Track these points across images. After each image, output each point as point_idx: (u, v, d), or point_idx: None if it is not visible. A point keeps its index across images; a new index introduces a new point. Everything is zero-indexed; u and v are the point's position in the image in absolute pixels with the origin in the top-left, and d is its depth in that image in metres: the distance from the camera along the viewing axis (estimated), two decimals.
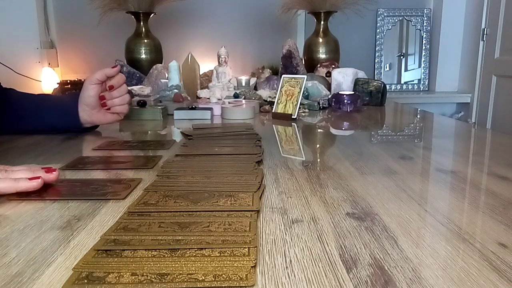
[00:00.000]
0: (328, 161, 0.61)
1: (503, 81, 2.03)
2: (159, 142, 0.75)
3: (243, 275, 0.28)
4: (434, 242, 0.34)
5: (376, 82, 1.28)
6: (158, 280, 0.27)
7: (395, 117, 1.14)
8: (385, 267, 0.29)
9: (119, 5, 1.72)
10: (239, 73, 1.98)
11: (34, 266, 0.30)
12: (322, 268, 0.29)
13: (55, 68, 2.18)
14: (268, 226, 0.37)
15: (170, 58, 1.48)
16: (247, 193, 0.44)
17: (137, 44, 1.78)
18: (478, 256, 0.31)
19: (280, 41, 1.68)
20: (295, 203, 0.43)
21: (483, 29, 2.15)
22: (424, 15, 2.37)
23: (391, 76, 2.43)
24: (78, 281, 0.27)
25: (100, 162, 0.60)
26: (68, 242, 0.34)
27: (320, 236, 0.35)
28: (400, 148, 0.69)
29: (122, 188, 0.47)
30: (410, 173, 0.54)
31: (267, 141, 0.75)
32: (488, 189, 0.47)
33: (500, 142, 0.78)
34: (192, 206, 0.40)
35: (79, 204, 0.42)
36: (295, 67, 1.59)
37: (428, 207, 0.42)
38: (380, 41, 2.37)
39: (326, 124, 1.00)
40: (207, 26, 2.24)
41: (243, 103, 1.14)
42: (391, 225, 0.37)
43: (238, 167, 0.55)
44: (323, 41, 1.81)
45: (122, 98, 0.82)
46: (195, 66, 1.46)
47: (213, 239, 0.32)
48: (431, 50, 2.39)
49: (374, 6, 2.15)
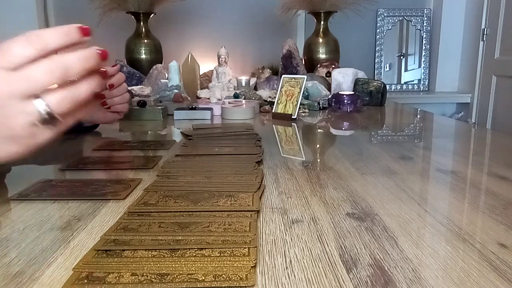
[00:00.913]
0: (328, 161, 0.61)
1: (503, 81, 2.03)
2: (159, 142, 0.75)
3: (243, 275, 0.28)
4: (434, 242, 0.34)
5: (376, 82, 1.28)
6: (158, 280, 0.27)
7: (395, 117, 1.13)
8: (385, 267, 0.29)
9: (119, 5, 1.72)
10: (239, 73, 1.98)
11: (34, 266, 0.30)
12: (322, 268, 0.29)
13: None
14: (268, 226, 0.37)
15: (170, 58, 1.49)
16: (247, 193, 0.44)
17: (137, 44, 1.78)
18: (478, 256, 0.31)
19: (280, 41, 1.68)
20: (295, 203, 0.43)
21: (483, 29, 2.15)
22: (424, 15, 2.37)
23: (391, 76, 2.43)
24: (78, 281, 0.27)
25: (100, 162, 0.60)
26: (68, 242, 0.34)
27: (320, 236, 0.35)
28: (400, 148, 0.69)
29: (122, 188, 0.47)
30: (410, 173, 0.54)
31: (267, 141, 0.75)
32: (488, 189, 0.47)
33: (500, 142, 0.78)
34: (192, 206, 0.40)
35: (79, 204, 0.42)
36: (295, 67, 1.59)
37: (428, 207, 0.42)
38: (380, 41, 2.37)
39: (326, 124, 1.00)
40: (207, 26, 2.24)
41: (243, 103, 1.14)
42: (391, 225, 0.37)
43: (238, 167, 0.55)
44: (323, 41, 1.81)
45: (122, 97, 0.82)
46: (195, 66, 1.46)
47: (213, 239, 0.32)
48: (431, 50, 2.39)
49: (374, 6, 2.16)
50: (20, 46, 0.32)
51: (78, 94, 0.35)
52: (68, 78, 0.33)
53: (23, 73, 0.32)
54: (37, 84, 0.32)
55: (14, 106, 0.32)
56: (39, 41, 0.32)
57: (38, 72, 0.32)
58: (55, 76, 0.32)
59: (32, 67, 0.32)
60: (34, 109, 0.32)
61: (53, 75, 0.32)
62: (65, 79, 0.33)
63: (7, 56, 0.32)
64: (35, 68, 0.32)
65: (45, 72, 0.32)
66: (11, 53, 0.32)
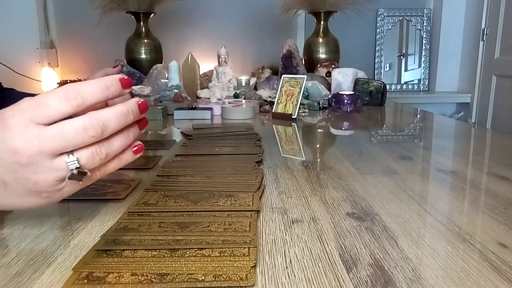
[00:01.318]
0: (328, 161, 0.61)
1: (503, 81, 2.03)
2: (159, 142, 0.75)
3: (243, 275, 0.28)
4: (434, 242, 0.34)
5: (376, 82, 1.28)
6: (158, 280, 0.27)
7: (395, 117, 1.13)
8: (385, 267, 0.29)
9: (119, 5, 1.72)
10: (239, 73, 1.98)
11: (34, 266, 0.30)
12: (322, 268, 0.29)
13: (55, 68, 2.18)
14: (268, 226, 0.37)
15: (170, 58, 1.48)
16: (247, 193, 0.44)
17: (137, 44, 1.78)
18: (478, 256, 0.31)
19: (280, 41, 1.68)
20: (295, 203, 0.43)
21: (483, 29, 2.14)
22: (424, 15, 2.37)
23: (391, 76, 2.43)
24: (78, 281, 0.27)
25: None
26: (68, 242, 0.34)
27: (320, 236, 0.35)
28: (400, 148, 0.69)
29: (122, 188, 0.47)
30: (410, 173, 0.54)
31: (267, 141, 0.75)
32: (488, 189, 0.47)
33: (500, 142, 0.78)
34: (192, 206, 0.40)
35: (79, 204, 0.42)
36: (295, 67, 1.59)
37: (428, 207, 0.42)
38: (380, 41, 2.37)
39: (326, 124, 1.00)
40: (207, 26, 2.24)
41: (243, 103, 1.14)
42: (391, 225, 0.37)
43: (238, 167, 0.55)
44: (323, 41, 1.81)
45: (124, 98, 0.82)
46: (195, 66, 1.46)
47: (213, 239, 0.32)
48: (431, 50, 2.39)
49: (374, 6, 2.15)
50: (57, 100, 0.30)
51: (110, 151, 0.33)
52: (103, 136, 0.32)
53: (57, 129, 0.30)
54: (70, 143, 0.30)
55: (42, 163, 0.30)
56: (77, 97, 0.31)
57: (72, 130, 0.30)
58: (89, 135, 0.31)
59: (66, 124, 0.30)
60: (64, 166, 0.31)
61: (87, 134, 0.30)
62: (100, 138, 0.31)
63: (42, 110, 0.30)
64: (69, 126, 0.30)
65: (80, 131, 0.30)
66: (47, 107, 0.30)
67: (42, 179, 0.31)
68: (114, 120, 0.32)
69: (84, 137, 0.30)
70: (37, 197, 0.32)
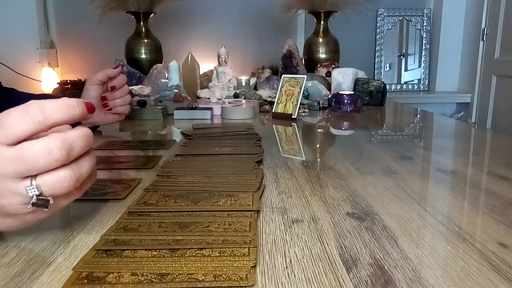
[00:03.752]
0: (328, 161, 0.61)
1: (503, 81, 2.03)
2: (159, 142, 0.75)
3: (243, 275, 0.28)
4: (434, 242, 0.34)
5: (376, 82, 1.28)
6: (158, 280, 0.27)
7: (395, 117, 1.13)
8: (385, 267, 0.29)
9: (119, 5, 1.72)
10: (239, 73, 1.98)
11: (34, 266, 0.30)
12: (322, 268, 0.29)
13: (55, 68, 2.18)
14: (268, 226, 0.37)
15: (170, 58, 1.48)
16: (247, 193, 0.44)
17: (137, 44, 1.78)
18: (478, 256, 0.31)
19: (280, 41, 1.68)
20: (295, 203, 0.43)
21: (483, 29, 2.14)
22: (424, 15, 2.37)
23: (391, 76, 2.43)
24: (78, 281, 0.27)
25: (100, 162, 0.60)
26: (68, 242, 0.34)
27: (320, 236, 0.35)
28: (400, 148, 0.69)
29: (122, 188, 0.47)
30: (410, 173, 0.54)
31: (267, 141, 0.75)
32: (488, 189, 0.47)
33: (500, 142, 0.78)
34: (192, 206, 0.40)
35: (79, 204, 0.42)
36: (295, 67, 1.59)
37: (428, 207, 0.42)
38: (380, 41, 2.37)
39: (326, 124, 1.00)
40: (207, 26, 2.24)
41: (243, 103, 1.14)
42: (391, 225, 0.37)
43: (238, 167, 0.55)
44: (323, 41, 1.81)
45: (124, 98, 0.82)
46: (195, 66, 1.46)
47: (213, 239, 0.32)
48: (431, 50, 2.39)
49: (374, 6, 2.15)
50: (17, 118, 0.28)
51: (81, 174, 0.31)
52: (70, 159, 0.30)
53: (16, 151, 0.28)
54: (31, 167, 0.28)
55: (6, 186, 0.28)
56: (39, 113, 0.28)
57: (33, 153, 0.28)
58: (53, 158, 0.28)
59: (27, 145, 0.28)
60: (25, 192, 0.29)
61: (51, 157, 0.28)
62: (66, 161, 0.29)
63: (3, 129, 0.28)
64: (30, 147, 0.28)
65: (43, 153, 0.28)
66: (7, 125, 0.28)
67: (7, 203, 0.29)
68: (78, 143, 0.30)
69: (48, 159, 0.28)
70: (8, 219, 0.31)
